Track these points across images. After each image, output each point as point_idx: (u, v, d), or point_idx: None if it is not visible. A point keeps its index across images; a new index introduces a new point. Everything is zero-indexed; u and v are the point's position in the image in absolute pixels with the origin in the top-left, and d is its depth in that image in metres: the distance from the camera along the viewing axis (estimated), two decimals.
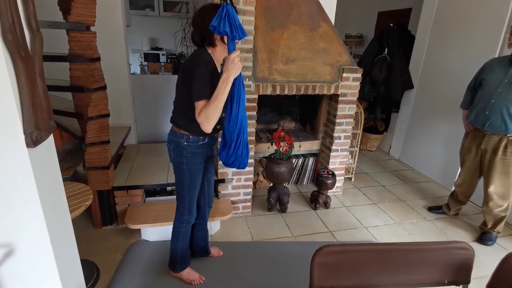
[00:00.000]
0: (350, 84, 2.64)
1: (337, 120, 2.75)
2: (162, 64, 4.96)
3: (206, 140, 1.55)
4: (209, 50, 1.46)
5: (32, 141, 0.90)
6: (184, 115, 1.50)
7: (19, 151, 0.88)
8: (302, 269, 1.91)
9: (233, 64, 1.34)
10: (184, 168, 1.55)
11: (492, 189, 2.24)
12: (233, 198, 2.52)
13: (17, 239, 0.97)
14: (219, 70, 1.50)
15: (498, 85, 2.08)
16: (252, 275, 1.91)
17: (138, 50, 5.25)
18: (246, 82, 2.33)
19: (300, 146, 2.98)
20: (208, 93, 1.36)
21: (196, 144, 1.52)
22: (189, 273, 1.83)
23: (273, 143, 2.50)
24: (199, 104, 1.36)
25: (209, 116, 1.34)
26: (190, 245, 1.94)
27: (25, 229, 0.96)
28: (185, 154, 1.52)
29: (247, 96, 2.21)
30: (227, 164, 1.58)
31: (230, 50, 1.36)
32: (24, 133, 0.88)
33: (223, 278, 1.89)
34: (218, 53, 1.47)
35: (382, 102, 3.96)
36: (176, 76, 1.52)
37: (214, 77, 1.42)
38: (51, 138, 1.06)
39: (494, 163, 2.19)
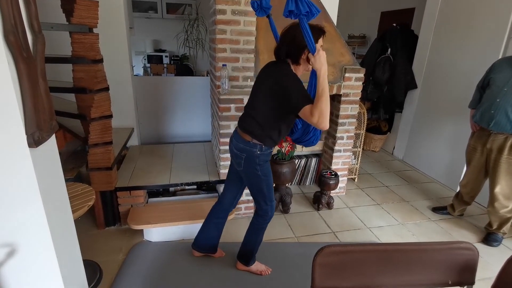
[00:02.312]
0: (353, 84, 2.63)
1: (340, 120, 2.74)
2: (165, 65, 4.99)
3: (272, 149, 1.66)
4: (292, 67, 1.52)
5: (34, 141, 0.91)
6: (262, 127, 1.56)
7: (21, 151, 0.89)
8: (304, 269, 1.90)
9: (323, 57, 1.36)
10: (259, 174, 1.65)
11: (498, 189, 2.21)
12: None
13: (19, 239, 0.97)
14: None
15: (504, 84, 2.06)
16: (254, 276, 1.91)
17: (142, 52, 5.28)
18: (248, 82, 2.34)
19: (302, 146, 2.97)
20: (310, 97, 1.43)
21: (266, 152, 1.63)
22: (257, 265, 1.94)
23: None
24: (306, 109, 1.38)
25: (323, 111, 1.35)
26: (202, 241, 1.98)
27: (27, 229, 0.97)
28: (258, 162, 1.62)
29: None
30: (300, 142, 1.71)
31: (312, 48, 1.39)
32: (26, 133, 0.89)
33: (225, 279, 1.88)
34: (299, 71, 1.55)
35: (385, 102, 3.93)
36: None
37: None
38: (53, 139, 1.07)
39: (499, 163, 2.17)
